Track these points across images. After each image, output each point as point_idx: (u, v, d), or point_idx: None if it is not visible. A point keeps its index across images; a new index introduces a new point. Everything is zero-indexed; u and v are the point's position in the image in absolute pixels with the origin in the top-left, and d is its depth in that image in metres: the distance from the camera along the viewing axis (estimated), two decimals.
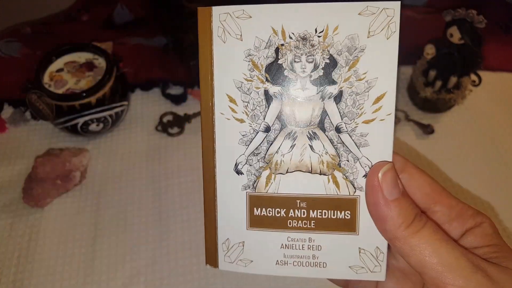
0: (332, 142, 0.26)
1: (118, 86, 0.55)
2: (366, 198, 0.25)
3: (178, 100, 0.62)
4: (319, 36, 0.25)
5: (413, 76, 0.59)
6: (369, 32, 0.24)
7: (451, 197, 0.26)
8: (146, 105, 0.62)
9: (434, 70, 0.56)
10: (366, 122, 0.25)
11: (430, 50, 0.55)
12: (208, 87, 0.26)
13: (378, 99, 0.25)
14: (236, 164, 0.26)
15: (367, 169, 0.25)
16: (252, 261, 0.27)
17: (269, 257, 0.27)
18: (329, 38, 0.24)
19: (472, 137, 0.57)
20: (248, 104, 0.26)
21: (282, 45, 0.25)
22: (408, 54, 0.63)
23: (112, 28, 0.73)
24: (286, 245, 0.27)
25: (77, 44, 0.57)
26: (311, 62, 0.25)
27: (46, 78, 0.54)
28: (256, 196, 0.26)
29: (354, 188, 0.26)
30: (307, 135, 0.26)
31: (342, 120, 0.25)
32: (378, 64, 0.24)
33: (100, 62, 0.56)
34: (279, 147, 0.26)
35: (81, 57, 0.57)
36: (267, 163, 0.26)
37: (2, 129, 0.60)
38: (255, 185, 0.26)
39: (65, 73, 0.55)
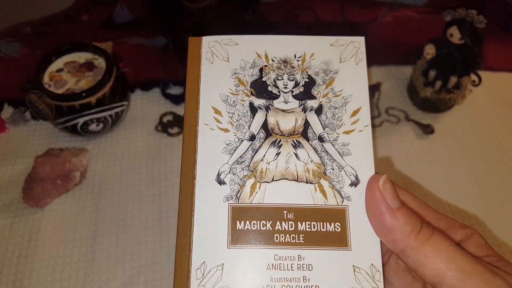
0: (316, 151, 0.27)
1: (118, 86, 0.55)
2: (368, 210, 0.25)
3: (178, 100, 0.62)
4: (298, 60, 0.28)
5: (413, 76, 0.59)
6: (340, 58, 0.28)
7: (436, 211, 0.26)
8: (146, 105, 0.62)
9: (434, 70, 0.56)
10: (347, 132, 0.27)
11: (430, 50, 0.55)
12: (193, 100, 0.28)
13: (355, 112, 0.27)
14: (218, 173, 0.26)
15: (352, 178, 0.26)
16: None
17: (253, 281, 0.24)
18: (307, 62, 0.28)
19: (472, 137, 0.57)
20: (233, 115, 0.27)
21: (266, 66, 0.28)
22: (408, 54, 0.63)
23: (112, 28, 0.73)
24: (273, 265, 0.24)
25: (77, 44, 0.57)
26: (292, 80, 0.28)
27: (46, 78, 0.54)
28: (240, 208, 0.25)
29: (342, 197, 0.26)
30: (291, 144, 0.27)
31: (324, 130, 0.27)
32: (351, 84, 0.28)
33: (100, 62, 0.56)
34: (264, 155, 0.26)
35: (81, 57, 0.57)
36: (252, 171, 0.26)
37: (2, 129, 0.60)
38: (238, 195, 0.25)
39: (65, 73, 0.55)
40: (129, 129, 0.59)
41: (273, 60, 0.28)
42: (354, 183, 0.26)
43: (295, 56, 0.28)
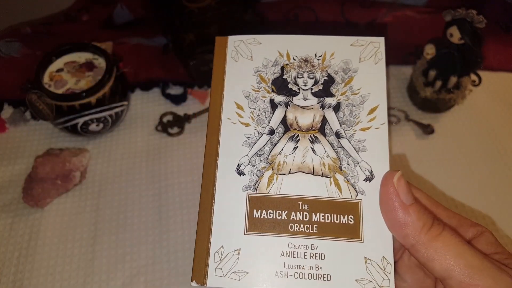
0: (332, 146, 0.28)
1: (118, 86, 0.55)
2: (381, 205, 0.25)
3: (178, 100, 0.62)
4: (318, 59, 0.30)
5: (413, 76, 0.59)
6: (360, 58, 0.29)
7: (447, 209, 0.27)
8: (146, 105, 0.62)
9: (434, 70, 0.56)
10: (363, 129, 0.28)
11: (430, 50, 0.55)
12: (218, 96, 0.29)
13: (372, 110, 0.28)
14: (238, 164, 0.27)
15: (367, 173, 0.27)
16: (247, 273, 0.25)
17: (268, 267, 0.25)
18: (327, 61, 0.30)
19: (472, 137, 0.57)
20: (254, 111, 0.29)
21: (287, 64, 0.30)
22: (408, 54, 0.63)
23: (112, 28, 0.73)
24: (287, 252, 0.25)
25: (77, 44, 0.57)
26: (312, 78, 0.29)
27: (46, 78, 0.54)
28: (257, 197, 0.26)
29: (356, 191, 0.26)
30: (309, 139, 0.28)
31: (341, 127, 0.28)
32: (370, 83, 0.29)
33: (100, 62, 0.56)
34: (282, 149, 0.28)
35: (81, 57, 0.57)
36: (270, 164, 0.27)
37: (2, 129, 0.60)
38: (256, 185, 0.27)
39: (65, 73, 0.55)
40: (129, 129, 0.59)
41: (294, 59, 0.30)
42: (369, 178, 0.27)
43: (315, 55, 0.30)
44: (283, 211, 0.26)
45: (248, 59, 0.30)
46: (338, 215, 0.26)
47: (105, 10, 0.74)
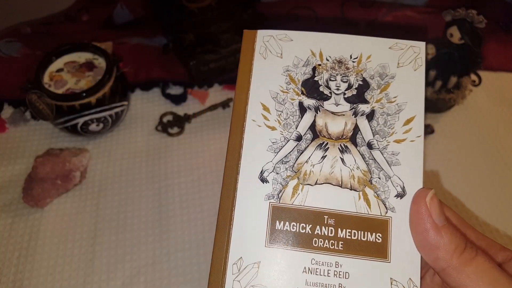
0: (363, 158, 0.26)
1: (118, 86, 0.55)
2: (412, 225, 0.24)
3: (178, 100, 0.62)
4: (353, 61, 0.27)
5: None
6: (398, 63, 0.27)
7: (476, 230, 0.26)
8: (146, 105, 0.62)
9: (434, 70, 0.56)
10: (397, 141, 0.26)
11: (430, 50, 0.55)
12: (243, 95, 0.27)
13: (408, 121, 0.26)
14: (262, 171, 0.26)
15: (399, 189, 0.25)
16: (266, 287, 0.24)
17: (288, 283, 0.24)
18: (362, 64, 0.27)
19: (472, 137, 0.57)
20: (282, 113, 0.27)
21: (319, 65, 0.27)
22: None
23: (112, 28, 0.73)
24: (309, 269, 0.24)
25: (77, 44, 0.57)
26: (346, 82, 0.27)
27: (46, 78, 0.54)
28: (280, 208, 0.25)
29: (386, 208, 0.25)
30: (338, 148, 0.26)
31: (374, 137, 0.26)
32: (407, 91, 0.27)
33: (100, 62, 0.56)
34: (310, 157, 0.26)
35: (81, 57, 0.57)
36: (296, 172, 0.26)
37: (2, 129, 0.60)
38: (280, 195, 0.25)
39: (65, 73, 0.55)
40: (129, 129, 0.59)
41: (327, 60, 0.28)
42: (400, 195, 0.25)
43: (351, 57, 0.28)
44: (307, 225, 0.24)
45: (277, 57, 0.28)
46: (366, 232, 0.24)
47: (105, 10, 0.74)
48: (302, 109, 0.27)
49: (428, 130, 0.57)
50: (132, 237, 0.50)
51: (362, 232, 0.24)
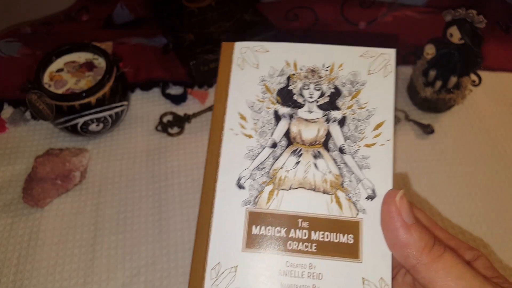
0: (335, 162, 0.27)
1: (118, 86, 0.55)
2: (383, 225, 0.25)
3: (178, 100, 0.62)
4: (326, 70, 0.29)
5: (413, 76, 0.59)
6: (369, 70, 0.28)
7: (445, 230, 0.27)
8: (146, 105, 0.62)
9: (434, 70, 0.56)
10: (368, 146, 0.27)
11: (430, 50, 0.55)
12: (221, 105, 0.28)
13: (378, 126, 0.27)
14: (239, 178, 0.26)
15: (369, 191, 0.26)
16: None
17: (265, 285, 0.24)
18: (335, 72, 0.28)
19: (472, 137, 0.57)
20: (258, 122, 0.28)
21: (294, 74, 0.29)
22: (408, 54, 0.63)
23: (112, 28, 0.73)
24: (284, 271, 0.25)
25: (77, 44, 0.57)
26: (318, 90, 0.28)
27: (46, 78, 0.54)
28: (256, 213, 0.26)
29: (357, 210, 0.26)
30: (312, 154, 0.27)
31: (345, 142, 0.27)
32: (377, 97, 0.28)
33: (100, 62, 0.56)
34: (284, 163, 0.27)
35: (81, 57, 0.57)
36: (271, 178, 0.27)
37: (2, 129, 0.60)
38: (256, 200, 0.26)
39: (65, 73, 0.55)
40: (129, 129, 0.59)
41: (301, 69, 0.29)
42: (371, 197, 0.26)
43: (323, 66, 0.29)
44: (282, 228, 0.25)
45: (254, 67, 0.29)
46: (338, 234, 0.25)
47: (105, 10, 0.74)
48: (277, 117, 0.28)
49: (428, 130, 0.57)
50: (132, 237, 0.50)
51: (334, 234, 0.25)
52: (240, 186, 0.26)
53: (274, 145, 0.27)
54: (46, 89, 0.52)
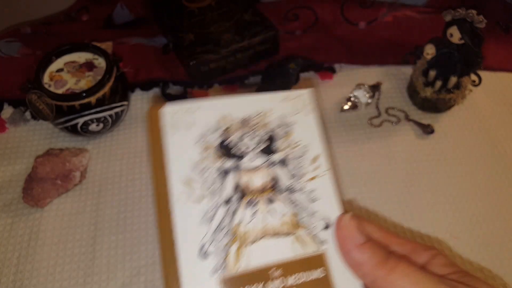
0: (288, 203, 0.28)
1: (118, 86, 0.55)
2: (339, 249, 0.26)
3: (178, 100, 0.62)
4: (257, 118, 0.30)
5: (413, 76, 0.59)
6: (293, 111, 0.30)
7: (399, 237, 0.28)
8: (146, 105, 0.62)
9: (434, 70, 0.56)
10: (311, 179, 0.28)
11: (430, 50, 0.55)
12: (162, 176, 0.27)
13: (315, 160, 0.29)
14: (201, 247, 0.25)
15: (324, 222, 0.27)
16: None
17: None
18: (266, 118, 0.30)
19: (472, 137, 0.57)
20: (205, 182, 0.27)
21: (228, 127, 0.29)
22: (408, 54, 0.63)
23: (112, 28, 0.73)
24: None
25: (77, 44, 0.57)
26: (255, 138, 0.29)
27: (46, 78, 0.54)
28: (228, 278, 0.25)
29: (319, 243, 0.27)
30: (265, 200, 0.27)
31: (291, 181, 0.28)
32: (307, 134, 0.30)
33: (100, 62, 0.56)
34: (242, 217, 0.27)
35: (81, 57, 0.57)
36: (233, 236, 0.26)
37: (2, 129, 0.60)
38: (224, 264, 0.25)
39: (65, 73, 0.55)
40: (129, 129, 0.59)
41: (235, 121, 0.29)
42: (327, 226, 0.27)
43: (254, 115, 0.30)
44: (257, 284, 0.25)
45: (188, 128, 0.28)
46: (311, 272, 0.26)
47: (105, 10, 0.74)
48: (223, 173, 0.28)
49: (428, 130, 0.57)
50: (132, 237, 0.50)
51: (307, 272, 0.26)
52: (204, 255, 0.25)
53: (228, 202, 0.27)
54: (46, 89, 0.52)
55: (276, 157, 0.29)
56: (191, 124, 0.28)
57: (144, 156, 0.57)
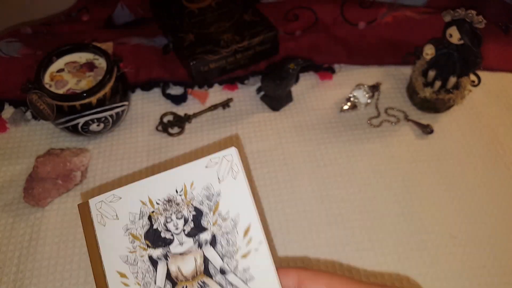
0: (222, 286, 0.26)
1: (119, 86, 0.55)
2: None
3: (178, 100, 0.62)
4: (180, 195, 0.28)
5: (412, 76, 0.60)
6: (218, 178, 0.28)
7: (363, 283, 0.27)
8: (146, 105, 0.62)
9: (434, 71, 0.56)
10: (244, 256, 0.26)
11: (429, 51, 0.55)
12: (100, 268, 0.27)
13: (246, 232, 0.27)
14: None
15: None
16: None
17: None
18: (189, 193, 0.28)
19: (471, 137, 0.58)
20: (138, 274, 0.27)
21: (153, 212, 0.28)
22: (407, 54, 0.63)
23: (113, 28, 0.74)
24: None
25: (78, 44, 0.57)
26: (181, 218, 0.27)
27: (46, 78, 0.54)
28: None
29: None
30: (197, 287, 0.26)
31: (223, 261, 0.26)
32: (235, 201, 0.27)
33: (101, 62, 0.57)
34: None
35: (82, 57, 0.57)
36: None
37: (3, 129, 0.60)
38: None
39: (66, 73, 0.55)
40: (130, 129, 0.60)
41: (157, 203, 0.28)
42: None
43: (177, 192, 0.28)
44: None
45: (114, 219, 0.28)
46: None
47: (106, 10, 0.74)
48: (154, 262, 0.27)
49: (428, 130, 0.58)
50: None
51: None
52: None
53: None
54: (47, 89, 0.52)
55: (205, 235, 0.27)
56: (116, 214, 0.28)
57: (145, 156, 0.57)
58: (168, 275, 0.27)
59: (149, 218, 0.28)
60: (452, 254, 0.48)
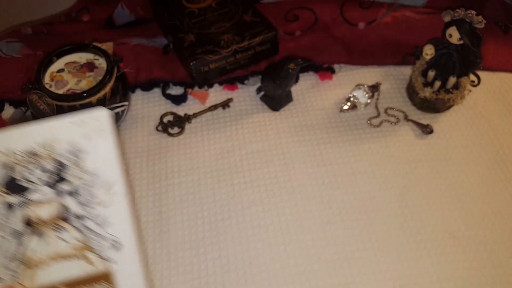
0: (79, 230, 0.29)
1: (119, 87, 0.55)
2: None
3: (178, 100, 0.62)
4: (44, 149, 0.28)
5: (412, 76, 0.60)
6: (85, 136, 0.29)
7: None
8: (146, 105, 0.62)
9: (433, 71, 0.56)
10: (105, 206, 0.29)
11: (429, 51, 0.55)
12: None
13: (110, 187, 0.29)
14: None
15: (115, 245, 0.29)
16: None
17: None
18: (54, 148, 0.28)
19: (471, 137, 0.58)
20: None
21: (14, 162, 0.28)
22: (407, 54, 0.63)
23: (113, 28, 0.74)
24: None
25: (78, 45, 0.57)
26: (43, 170, 0.29)
27: (47, 79, 0.55)
28: None
29: (106, 262, 0.29)
30: (54, 229, 0.29)
31: (82, 209, 0.29)
32: (101, 159, 0.29)
33: (101, 62, 0.57)
34: (32, 246, 0.28)
35: (82, 57, 0.57)
36: (26, 264, 0.28)
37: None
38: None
39: (66, 74, 0.55)
40: (130, 129, 0.60)
41: (20, 156, 0.28)
42: (117, 248, 0.29)
43: (41, 145, 0.29)
44: None
45: None
46: (93, 285, 0.28)
47: (106, 10, 0.74)
48: (10, 207, 0.28)
49: (427, 130, 0.58)
50: None
51: (89, 285, 0.28)
52: None
53: (17, 235, 0.28)
54: (47, 89, 0.52)
55: (66, 186, 0.29)
56: None
57: (145, 156, 0.57)
58: (25, 220, 0.28)
59: (11, 168, 0.28)
60: (452, 254, 0.48)
